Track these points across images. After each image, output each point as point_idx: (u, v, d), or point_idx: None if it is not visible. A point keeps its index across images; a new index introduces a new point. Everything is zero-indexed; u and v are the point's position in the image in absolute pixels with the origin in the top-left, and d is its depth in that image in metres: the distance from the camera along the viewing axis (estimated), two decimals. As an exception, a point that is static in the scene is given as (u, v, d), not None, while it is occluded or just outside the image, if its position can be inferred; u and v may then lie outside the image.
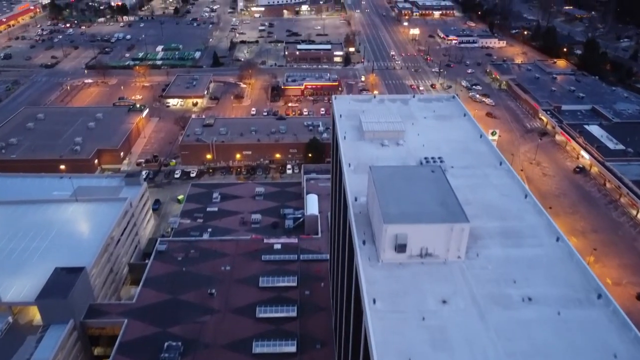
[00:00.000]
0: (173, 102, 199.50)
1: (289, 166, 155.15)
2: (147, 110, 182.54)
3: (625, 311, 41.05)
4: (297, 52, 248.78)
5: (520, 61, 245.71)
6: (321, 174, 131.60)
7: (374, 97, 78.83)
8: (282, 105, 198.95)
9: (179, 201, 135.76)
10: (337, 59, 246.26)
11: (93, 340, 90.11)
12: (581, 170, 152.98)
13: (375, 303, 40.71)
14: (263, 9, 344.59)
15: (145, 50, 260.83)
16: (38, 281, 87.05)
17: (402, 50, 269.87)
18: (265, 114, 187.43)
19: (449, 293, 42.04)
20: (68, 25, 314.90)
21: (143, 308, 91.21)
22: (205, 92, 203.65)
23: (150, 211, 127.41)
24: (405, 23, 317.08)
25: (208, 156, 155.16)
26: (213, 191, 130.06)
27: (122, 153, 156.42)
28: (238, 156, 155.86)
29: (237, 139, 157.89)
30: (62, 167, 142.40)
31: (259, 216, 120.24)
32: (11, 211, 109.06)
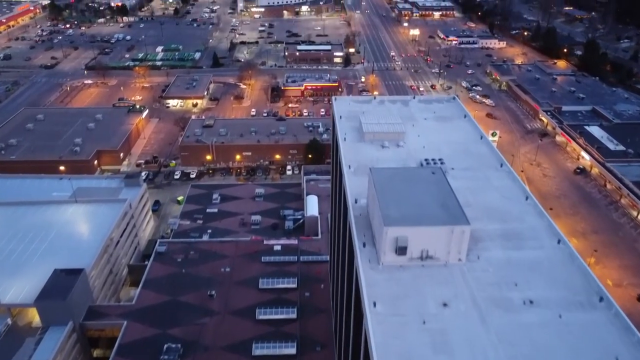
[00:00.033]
0: (173, 103, 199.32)
1: (289, 167, 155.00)
2: (147, 111, 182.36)
3: (626, 312, 40.85)
4: (297, 53, 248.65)
5: (520, 62, 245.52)
6: (321, 175, 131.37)
7: (374, 98, 78.59)
8: (282, 106, 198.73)
9: (179, 202, 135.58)
10: (337, 60, 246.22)
11: (92, 342, 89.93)
12: (582, 171, 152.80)
13: (375, 306, 40.49)
14: (263, 10, 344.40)
15: (145, 51, 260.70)
16: (37, 283, 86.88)
17: (402, 51, 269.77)
18: (265, 115, 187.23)
19: (450, 296, 41.81)
20: (68, 26, 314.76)
21: (142, 310, 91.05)
22: (205, 93, 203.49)
23: (149, 212, 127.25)
24: (405, 24, 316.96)
25: (208, 157, 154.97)
26: (213, 192, 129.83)
27: (122, 154, 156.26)
28: (238, 157, 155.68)
29: (237, 140, 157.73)
30: (62, 168, 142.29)
31: (259, 217, 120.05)
32: (10, 212, 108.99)
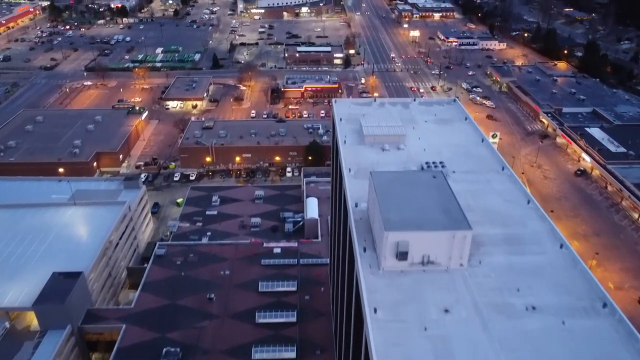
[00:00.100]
0: (172, 105, 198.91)
1: (289, 169, 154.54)
2: (147, 112, 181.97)
3: (627, 316, 40.36)
4: (297, 54, 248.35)
5: (520, 63, 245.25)
6: (321, 177, 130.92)
7: (375, 101, 78.07)
8: (282, 107, 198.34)
9: (178, 204, 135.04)
10: (337, 61, 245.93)
11: (91, 345, 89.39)
12: (582, 173, 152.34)
13: (376, 312, 39.97)
14: (263, 11, 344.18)
15: (144, 52, 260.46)
16: (35, 286, 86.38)
17: (402, 52, 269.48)
18: (265, 117, 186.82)
19: (451, 302, 41.30)
20: (67, 27, 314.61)
21: (141, 313, 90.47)
22: (204, 95, 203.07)
23: (149, 215, 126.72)
24: (405, 25, 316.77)
25: (207, 159, 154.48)
26: (212, 194, 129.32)
27: (121, 156, 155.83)
28: (237, 159, 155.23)
29: (237, 142, 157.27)
30: (61, 170, 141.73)
31: (259, 220, 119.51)
32: (9, 215, 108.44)
